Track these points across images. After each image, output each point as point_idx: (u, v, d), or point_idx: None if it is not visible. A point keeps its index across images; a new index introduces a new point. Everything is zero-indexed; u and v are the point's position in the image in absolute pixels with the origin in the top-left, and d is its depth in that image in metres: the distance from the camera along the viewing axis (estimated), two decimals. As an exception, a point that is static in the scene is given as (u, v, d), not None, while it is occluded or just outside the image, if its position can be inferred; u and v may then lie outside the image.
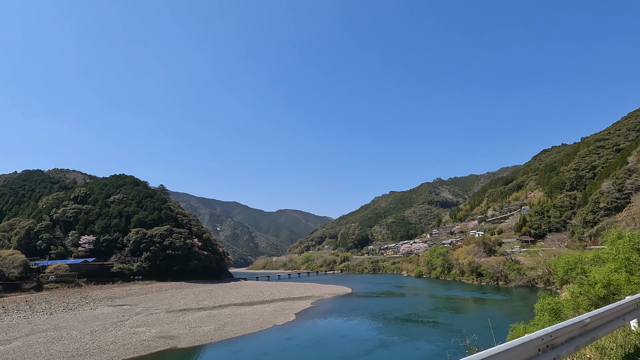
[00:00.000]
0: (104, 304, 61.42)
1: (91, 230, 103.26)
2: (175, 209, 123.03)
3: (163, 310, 53.80)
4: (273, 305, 60.07)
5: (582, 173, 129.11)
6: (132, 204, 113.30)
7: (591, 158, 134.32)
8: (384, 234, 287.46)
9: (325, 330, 39.54)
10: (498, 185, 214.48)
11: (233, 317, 48.51)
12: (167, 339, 36.68)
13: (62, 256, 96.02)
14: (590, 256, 20.30)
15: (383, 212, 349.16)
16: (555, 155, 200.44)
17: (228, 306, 58.06)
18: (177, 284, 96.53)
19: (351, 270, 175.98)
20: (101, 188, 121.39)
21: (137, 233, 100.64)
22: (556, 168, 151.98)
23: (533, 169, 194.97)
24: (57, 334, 38.86)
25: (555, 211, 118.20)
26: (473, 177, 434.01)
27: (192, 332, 39.25)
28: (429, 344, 31.46)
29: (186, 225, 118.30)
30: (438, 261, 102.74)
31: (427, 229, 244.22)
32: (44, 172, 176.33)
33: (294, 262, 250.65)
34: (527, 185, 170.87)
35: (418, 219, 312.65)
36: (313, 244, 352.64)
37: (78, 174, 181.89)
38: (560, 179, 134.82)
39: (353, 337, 35.39)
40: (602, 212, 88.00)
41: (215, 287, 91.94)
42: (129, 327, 42.57)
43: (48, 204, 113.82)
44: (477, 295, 66.63)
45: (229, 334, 38.35)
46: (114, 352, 31.88)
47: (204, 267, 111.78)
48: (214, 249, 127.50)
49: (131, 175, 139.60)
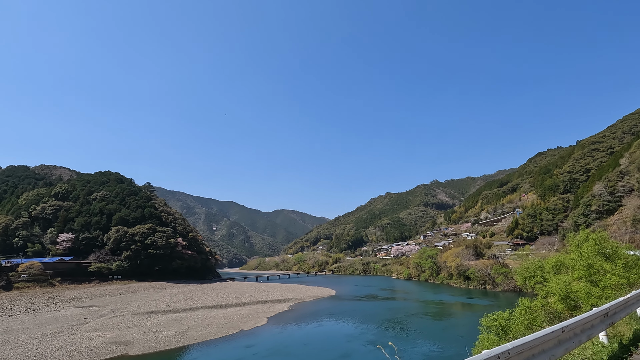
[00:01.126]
0: (72, 305, 58.96)
1: (70, 228, 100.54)
2: (160, 207, 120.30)
3: (130, 313, 51.42)
4: (248, 308, 57.79)
5: (576, 176, 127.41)
6: (115, 201, 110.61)
7: (585, 161, 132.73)
8: (378, 236, 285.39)
9: (291, 337, 37.32)
10: (493, 187, 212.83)
11: (201, 320, 46.23)
12: (120, 344, 34.37)
13: (39, 254, 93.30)
14: (552, 262, 18.01)
15: (379, 213, 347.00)
16: (550, 157, 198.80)
17: (200, 309, 55.73)
18: (157, 284, 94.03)
19: (342, 272, 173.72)
20: (84, 185, 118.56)
21: (117, 231, 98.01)
22: (550, 171, 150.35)
23: (528, 172, 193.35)
24: (3, 337, 36.47)
25: (548, 214, 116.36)
26: (470, 180, 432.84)
27: (149, 337, 36.94)
28: (391, 356, 29.21)
29: (170, 223, 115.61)
30: (427, 264, 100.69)
31: (422, 230, 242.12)
32: (29, 168, 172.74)
33: (286, 262, 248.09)
34: (521, 187, 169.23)
35: (413, 220, 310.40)
36: (308, 245, 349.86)
37: (65, 171, 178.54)
38: (553, 182, 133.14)
39: (316, 346, 33.22)
40: (593, 215, 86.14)
41: (197, 288, 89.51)
42: (85, 331, 40.24)
43: (28, 200, 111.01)
44: (462, 300, 64.57)
45: (188, 340, 36.10)
46: (56, 359, 29.63)
47: (188, 267, 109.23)
48: (200, 248, 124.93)
49: (117, 173, 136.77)
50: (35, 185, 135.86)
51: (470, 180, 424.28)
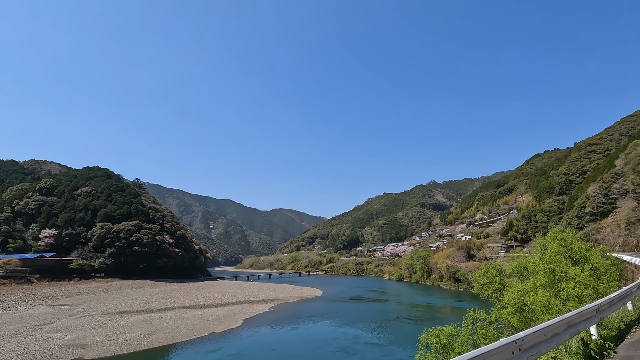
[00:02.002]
0: (43, 304, 56.95)
1: (54, 224, 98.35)
2: (148, 204, 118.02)
3: (100, 313, 49.48)
4: (227, 308, 55.94)
5: (572, 177, 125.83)
6: (101, 197, 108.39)
7: (582, 163, 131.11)
8: (374, 236, 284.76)
9: (261, 341, 35.51)
10: (489, 188, 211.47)
11: (172, 322, 44.36)
12: (78, 347, 32.49)
13: (20, 250, 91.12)
14: (513, 266, 15.91)
15: (375, 213, 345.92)
16: (547, 159, 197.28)
17: (176, 309, 53.85)
18: (141, 282, 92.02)
19: (335, 272, 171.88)
20: (70, 180, 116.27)
21: (102, 228, 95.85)
22: (546, 172, 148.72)
23: (525, 173, 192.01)
24: (-46, 338, 34.51)
25: (543, 216, 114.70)
26: (468, 181, 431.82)
27: (110, 340, 35.04)
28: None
29: (158, 220, 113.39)
30: (418, 265, 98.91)
31: (417, 231, 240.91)
32: (18, 162, 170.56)
33: (280, 261, 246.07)
34: (518, 189, 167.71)
35: (410, 221, 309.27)
36: (304, 244, 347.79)
37: (55, 166, 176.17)
38: (549, 183, 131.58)
39: (283, 351, 31.40)
40: (587, 217, 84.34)
41: (181, 287, 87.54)
42: (46, 332, 38.32)
43: (12, 195, 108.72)
44: (450, 304, 62.90)
45: (152, 343, 34.24)
46: (1, 363, 27.77)
47: (175, 266, 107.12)
48: (189, 246, 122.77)
49: (105, 168, 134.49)
50: (23, 180, 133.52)
51: (468, 182, 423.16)
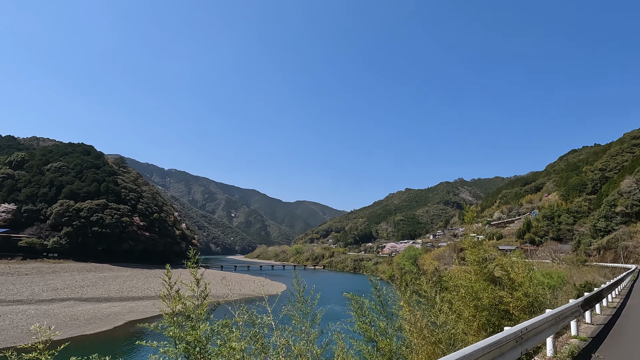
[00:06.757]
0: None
1: (14, 199, 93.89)
2: (123, 183, 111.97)
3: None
4: (135, 303, 47.25)
5: (609, 174, 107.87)
6: (71, 173, 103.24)
7: (623, 157, 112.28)
8: (389, 232, 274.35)
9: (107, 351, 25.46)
10: (516, 186, 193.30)
11: (38, 318, 35.66)
12: None
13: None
14: None
15: (394, 209, 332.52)
16: (585, 155, 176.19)
17: (68, 300, 45.53)
18: (97, 265, 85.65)
19: (333, 267, 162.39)
20: (43, 154, 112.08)
21: (61, 205, 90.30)
22: (579, 168, 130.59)
23: (557, 170, 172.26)
24: None
25: (568, 217, 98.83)
26: (498, 180, 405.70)
27: None
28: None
29: (130, 201, 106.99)
30: (407, 265, 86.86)
31: (434, 229, 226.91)
32: (16, 138, 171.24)
33: (285, 253, 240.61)
34: (546, 186, 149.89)
35: (430, 218, 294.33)
36: (318, 237, 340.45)
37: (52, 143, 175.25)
38: (580, 180, 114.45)
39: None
40: (618, 218, 68.94)
41: (134, 274, 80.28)
42: None
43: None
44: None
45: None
46: None
47: (144, 250, 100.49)
48: (166, 231, 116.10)
49: (89, 145, 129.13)
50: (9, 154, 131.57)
51: (498, 180, 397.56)
